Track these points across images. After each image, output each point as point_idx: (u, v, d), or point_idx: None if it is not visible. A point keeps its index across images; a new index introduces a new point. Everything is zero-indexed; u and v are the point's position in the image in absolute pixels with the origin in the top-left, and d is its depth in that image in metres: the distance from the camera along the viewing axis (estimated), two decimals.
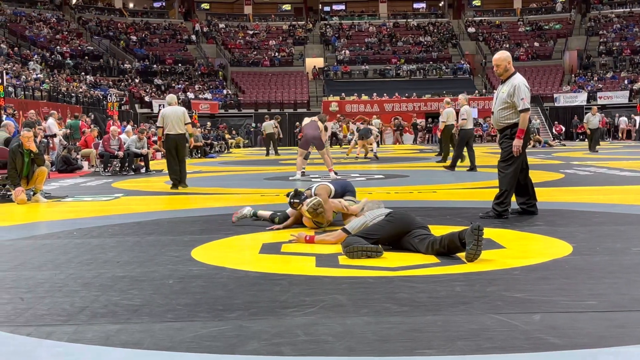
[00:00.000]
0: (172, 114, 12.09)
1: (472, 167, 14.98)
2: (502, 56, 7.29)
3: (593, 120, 25.11)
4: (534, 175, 13.17)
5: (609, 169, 14.49)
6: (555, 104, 43.54)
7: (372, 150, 21.93)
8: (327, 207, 6.51)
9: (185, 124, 12.13)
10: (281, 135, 30.36)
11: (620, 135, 40.14)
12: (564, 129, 41.13)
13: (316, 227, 6.56)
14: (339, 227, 5.89)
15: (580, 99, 43.41)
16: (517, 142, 7.04)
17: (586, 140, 33.02)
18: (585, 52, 50.33)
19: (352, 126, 39.02)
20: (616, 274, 4.41)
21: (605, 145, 30.08)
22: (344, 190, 7.06)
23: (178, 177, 12.03)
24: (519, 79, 7.17)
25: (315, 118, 14.22)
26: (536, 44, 52.29)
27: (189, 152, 25.98)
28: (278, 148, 27.65)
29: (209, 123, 36.56)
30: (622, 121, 40.06)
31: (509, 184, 7.13)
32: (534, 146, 30.11)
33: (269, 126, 27.10)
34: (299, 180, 13.03)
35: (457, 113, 15.96)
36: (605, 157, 19.67)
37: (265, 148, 27.88)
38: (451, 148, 17.61)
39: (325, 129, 14.24)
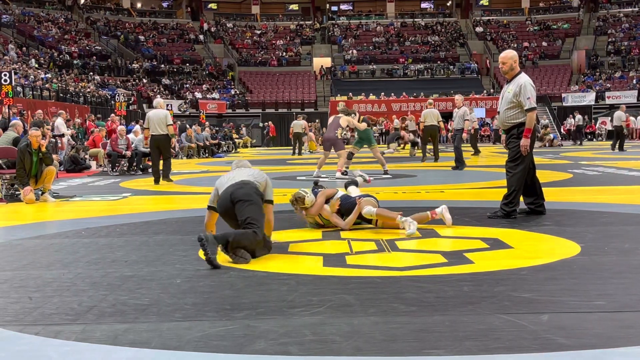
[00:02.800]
0: (154, 116, 13.28)
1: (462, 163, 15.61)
2: (509, 54, 7.28)
3: (623, 118, 24.86)
4: (542, 175, 13.13)
5: (617, 169, 14.43)
6: (564, 104, 43.44)
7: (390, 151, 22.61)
8: (314, 205, 6.50)
9: (167, 126, 13.22)
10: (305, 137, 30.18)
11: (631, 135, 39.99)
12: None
13: (316, 226, 6.60)
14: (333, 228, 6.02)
15: (589, 98, 43.28)
16: (524, 142, 7.02)
17: (592, 139, 33.00)
18: (593, 52, 50.17)
19: None
20: (624, 274, 4.39)
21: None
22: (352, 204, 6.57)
23: (158, 174, 13.30)
24: (524, 79, 7.14)
25: (339, 115, 13.89)
26: (544, 43, 52.16)
27: (197, 152, 26.16)
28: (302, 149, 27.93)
29: (207, 123, 36.42)
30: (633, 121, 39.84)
31: (517, 184, 7.11)
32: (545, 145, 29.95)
33: (298, 125, 27.28)
34: (339, 179, 13.01)
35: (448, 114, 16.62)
36: (614, 157, 19.60)
37: (292, 147, 28.22)
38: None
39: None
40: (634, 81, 44.60)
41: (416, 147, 23.07)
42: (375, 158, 14.93)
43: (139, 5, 58.48)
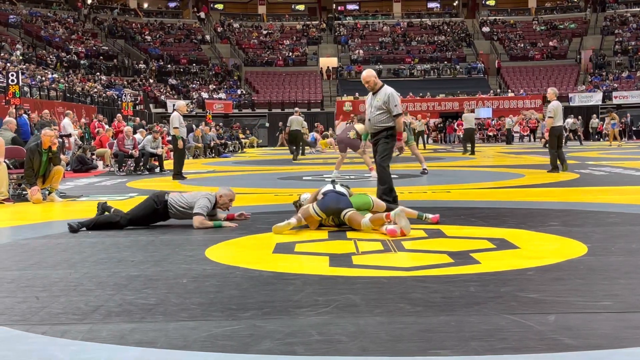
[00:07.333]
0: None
1: (554, 167, 13.66)
2: (369, 73, 8.09)
3: None
4: (550, 175, 13.10)
5: (624, 169, 14.39)
6: (570, 104, 43.31)
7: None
8: (306, 201, 6.88)
9: (173, 128, 14.10)
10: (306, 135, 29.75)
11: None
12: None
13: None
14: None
15: (596, 98, 43.17)
16: (399, 143, 7.99)
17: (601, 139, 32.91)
18: (600, 52, 50.02)
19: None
20: (631, 275, 4.38)
21: (620, 145, 29.83)
22: (326, 204, 6.47)
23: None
24: (390, 89, 8.08)
25: (352, 122, 14.53)
26: (551, 43, 52.04)
27: (203, 152, 26.17)
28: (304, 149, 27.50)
29: (220, 124, 36.48)
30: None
31: (390, 178, 7.86)
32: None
33: (297, 123, 27.03)
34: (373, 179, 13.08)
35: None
36: (621, 157, 19.54)
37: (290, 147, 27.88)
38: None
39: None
40: None
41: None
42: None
43: (145, 5, 58.57)
